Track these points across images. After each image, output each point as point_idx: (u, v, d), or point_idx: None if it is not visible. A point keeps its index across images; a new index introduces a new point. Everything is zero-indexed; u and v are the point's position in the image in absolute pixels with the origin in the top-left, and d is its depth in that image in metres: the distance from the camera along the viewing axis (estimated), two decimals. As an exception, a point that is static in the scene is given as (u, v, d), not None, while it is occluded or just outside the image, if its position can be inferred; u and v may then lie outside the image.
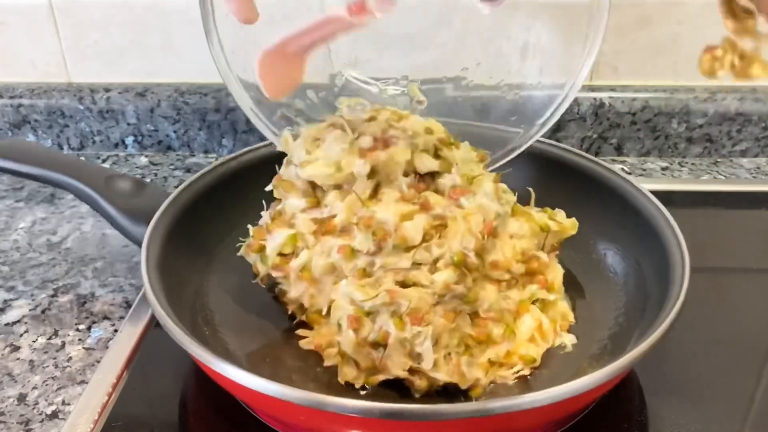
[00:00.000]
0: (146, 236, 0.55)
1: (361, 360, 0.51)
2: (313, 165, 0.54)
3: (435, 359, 0.50)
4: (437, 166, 0.55)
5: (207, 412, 0.53)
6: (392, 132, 0.55)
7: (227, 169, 0.65)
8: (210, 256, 0.61)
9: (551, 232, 0.57)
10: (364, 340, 0.50)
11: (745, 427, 0.52)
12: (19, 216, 0.76)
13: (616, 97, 0.84)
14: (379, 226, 0.51)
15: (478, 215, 0.52)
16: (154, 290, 0.51)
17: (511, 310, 0.53)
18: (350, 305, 0.51)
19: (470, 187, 0.53)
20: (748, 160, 0.86)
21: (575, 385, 0.43)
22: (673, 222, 0.56)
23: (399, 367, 0.50)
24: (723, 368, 0.56)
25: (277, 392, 0.43)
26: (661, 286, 0.53)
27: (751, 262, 0.68)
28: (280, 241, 0.54)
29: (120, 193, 0.61)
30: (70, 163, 0.64)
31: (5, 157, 0.62)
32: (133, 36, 0.86)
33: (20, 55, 0.88)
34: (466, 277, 0.51)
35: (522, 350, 0.53)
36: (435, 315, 0.50)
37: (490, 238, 0.52)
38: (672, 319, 0.47)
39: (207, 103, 0.86)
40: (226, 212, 0.62)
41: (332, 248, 0.52)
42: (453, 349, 0.51)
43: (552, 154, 0.67)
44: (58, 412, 0.53)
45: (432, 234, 0.52)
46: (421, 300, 0.50)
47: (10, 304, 0.63)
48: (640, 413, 0.52)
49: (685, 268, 0.52)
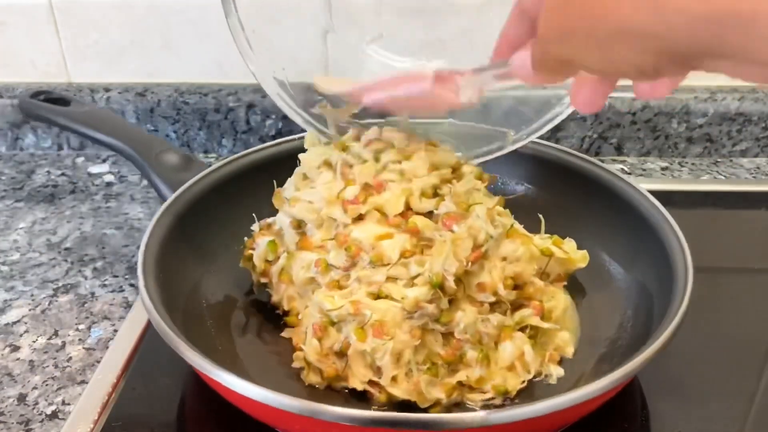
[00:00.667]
0: (144, 240, 0.55)
1: (324, 368, 0.51)
2: (298, 206, 0.55)
3: (395, 375, 0.49)
4: (433, 206, 0.53)
5: (207, 412, 0.52)
6: (387, 176, 0.54)
7: (225, 171, 0.64)
8: (209, 259, 0.61)
9: (555, 258, 0.56)
10: (329, 349, 0.51)
11: (746, 427, 0.52)
12: (19, 216, 0.76)
13: (616, 97, 0.84)
14: (353, 243, 0.52)
15: (468, 240, 0.51)
16: (150, 296, 0.50)
17: (491, 335, 0.51)
18: (319, 314, 0.52)
19: (464, 213, 0.52)
20: (748, 160, 0.86)
21: (576, 394, 0.43)
22: (675, 226, 0.55)
23: (359, 378, 0.50)
24: (723, 368, 0.56)
25: (272, 400, 0.43)
26: (663, 290, 0.52)
27: (751, 262, 0.68)
28: (263, 248, 0.56)
29: (170, 167, 0.65)
30: (132, 134, 0.69)
31: (84, 124, 0.69)
32: (133, 36, 0.86)
33: (20, 55, 0.88)
34: (440, 299, 0.50)
35: (497, 378, 0.51)
36: (400, 330, 0.49)
37: (479, 261, 0.51)
38: (675, 327, 0.47)
39: (207, 103, 0.86)
40: (225, 214, 0.62)
41: (311, 263, 0.53)
42: (415, 366, 0.50)
43: (552, 156, 0.67)
44: (58, 412, 0.53)
45: (414, 252, 0.51)
46: (387, 313, 0.50)
47: (10, 304, 0.63)
48: (641, 413, 0.52)
49: (688, 274, 0.51)
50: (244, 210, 0.62)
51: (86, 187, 0.82)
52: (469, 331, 0.51)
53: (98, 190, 0.81)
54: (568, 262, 0.58)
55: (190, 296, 0.57)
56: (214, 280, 0.60)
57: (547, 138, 0.85)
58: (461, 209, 0.52)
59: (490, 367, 0.51)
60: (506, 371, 0.51)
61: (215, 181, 0.63)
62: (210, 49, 0.86)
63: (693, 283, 0.50)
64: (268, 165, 0.66)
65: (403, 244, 0.51)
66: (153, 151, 0.66)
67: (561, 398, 0.42)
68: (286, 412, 0.42)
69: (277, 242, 0.56)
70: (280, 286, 0.56)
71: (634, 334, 0.53)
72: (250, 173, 0.65)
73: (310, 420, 0.42)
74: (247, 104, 0.86)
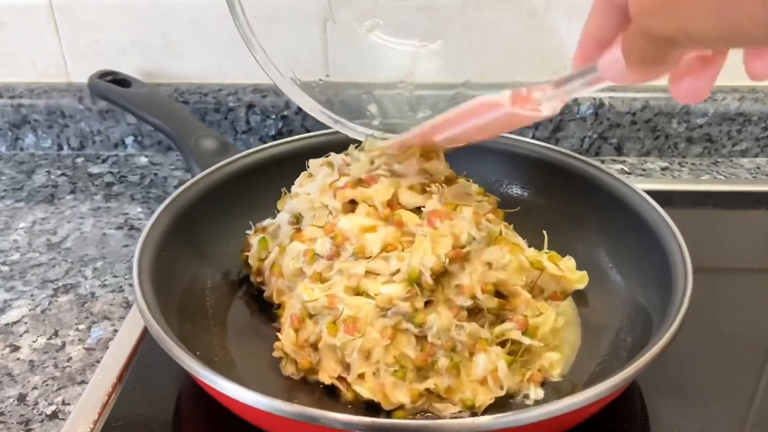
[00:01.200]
0: (139, 242, 0.55)
1: (299, 359, 0.52)
2: (297, 199, 0.58)
3: (363, 372, 0.49)
4: (422, 201, 0.54)
5: (207, 412, 0.52)
6: (379, 171, 0.56)
7: (226, 172, 0.64)
8: (207, 259, 0.61)
9: (550, 275, 0.55)
10: (305, 341, 0.51)
11: (746, 427, 0.52)
12: (19, 216, 0.76)
13: (616, 97, 0.84)
14: (339, 232, 0.53)
15: (448, 238, 0.51)
16: (146, 299, 0.50)
17: (465, 343, 0.49)
18: (298, 305, 0.52)
19: (450, 212, 0.52)
20: (748, 160, 0.86)
21: (576, 399, 0.42)
22: (675, 228, 0.55)
23: (328, 373, 0.51)
24: (723, 368, 0.56)
25: (266, 405, 0.42)
26: (662, 294, 0.52)
27: (751, 262, 0.68)
28: (256, 247, 0.58)
29: (206, 151, 0.70)
30: (178, 117, 0.75)
31: (139, 105, 0.76)
32: (133, 36, 0.86)
33: (20, 55, 0.88)
34: (416, 297, 0.50)
35: (467, 391, 0.49)
36: (371, 328, 0.49)
37: (460, 262, 0.51)
38: (674, 331, 0.46)
39: (207, 103, 0.86)
40: (224, 215, 0.62)
41: (300, 253, 0.54)
42: (384, 366, 0.49)
43: (550, 158, 0.66)
44: (58, 412, 0.53)
45: (395, 247, 0.52)
46: (360, 310, 0.49)
47: (10, 304, 0.63)
48: (640, 414, 0.52)
49: (688, 278, 0.50)
50: (244, 210, 0.62)
51: (86, 187, 0.82)
52: (442, 336, 0.49)
53: (98, 190, 0.81)
54: (563, 280, 0.56)
55: (187, 296, 0.57)
56: (213, 279, 0.60)
57: (547, 138, 0.85)
58: (448, 209, 0.52)
59: (460, 377, 0.49)
60: (477, 384, 0.49)
61: (215, 181, 0.63)
62: (210, 49, 0.86)
63: (692, 284, 0.50)
64: (268, 165, 0.66)
65: (386, 237, 0.52)
66: (193, 135, 0.71)
67: (561, 403, 0.42)
68: (279, 416, 0.42)
69: (267, 239, 0.58)
70: (272, 279, 0.57)
71: (634, 337, 0.53)
72: (251, 173, 0.65)
73: (304, 425, 0.42)
74: (247, 104, 0.86)
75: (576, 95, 0.45)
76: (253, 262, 0.59)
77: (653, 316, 0.52)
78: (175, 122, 0.73)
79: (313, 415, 0.42)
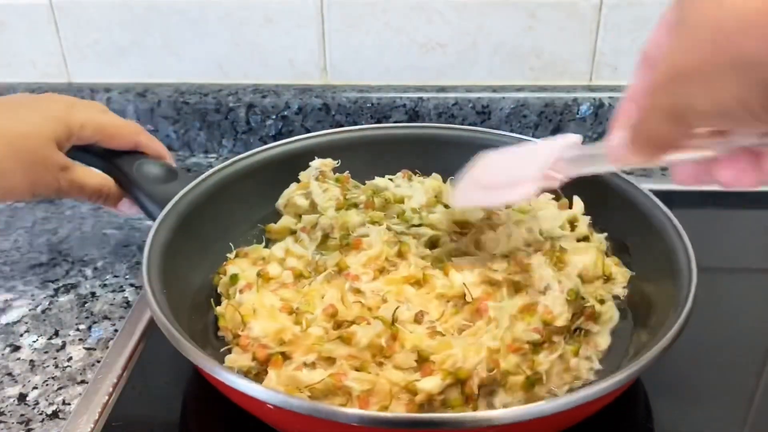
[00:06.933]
0: (148, 242, 0.54)
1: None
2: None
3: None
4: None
5: (207, 412, 0.52)
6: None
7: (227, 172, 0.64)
8: (212, 258, 0.60)
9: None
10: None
11: (748, 426, 0.51)
12: (19, 216, 0.76)
13: (616, 97, 0.84)
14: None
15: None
16: (156, 298, 0.49)
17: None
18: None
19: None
20: (749, 161, 0.86)
21: (580, 395, 0.42)
22: (680, 227, 0.55)
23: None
24: (726, 368, 0.55)
25: (276, 400, 0.42)
26: (667, 292, 0.51)
27: (752, 262, 0.69)
28: (226, 279, 0.57)
29: (151, 178, 0.62)
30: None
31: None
32: (133, 36, 0.86)
33: (20, 55, 0.88)
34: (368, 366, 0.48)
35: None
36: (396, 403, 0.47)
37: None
38: (678, 329, 0.46)
39: (207, 103, 0.86)
40: (227, 215, 0.62)
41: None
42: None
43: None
44: (58, 411, 0.52)
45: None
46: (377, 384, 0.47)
47: (10, 304, 0.63)
48: (643, 412, 0.52)
49: (692, 276, 0.50)
50: (245, 210, 0.62)
51: (86, 187, 0.81)
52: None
53: (98, 190, 0.81)
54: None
55: (194, 294, 0.56)
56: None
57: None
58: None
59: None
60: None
61: (217, 181, 0.63)
62: (210, 49, 0.86)
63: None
64: (269, 165, 0.65)
65: (370, 334, 0.49)
66: (134, 162, 0.62)
67: (565, 399, 0.42)
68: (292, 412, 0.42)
69: (238, 276, 0.55)
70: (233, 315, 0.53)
71: (638, 336, 0.53)
72: (252, 173, 0.65)
73: (312, 419, 0.42)
74: (247, 104, 0.86)
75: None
76: (222, 289, 0.57)
77: (657, 314, 0.52)
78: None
79: (321, 410, 0.42)
